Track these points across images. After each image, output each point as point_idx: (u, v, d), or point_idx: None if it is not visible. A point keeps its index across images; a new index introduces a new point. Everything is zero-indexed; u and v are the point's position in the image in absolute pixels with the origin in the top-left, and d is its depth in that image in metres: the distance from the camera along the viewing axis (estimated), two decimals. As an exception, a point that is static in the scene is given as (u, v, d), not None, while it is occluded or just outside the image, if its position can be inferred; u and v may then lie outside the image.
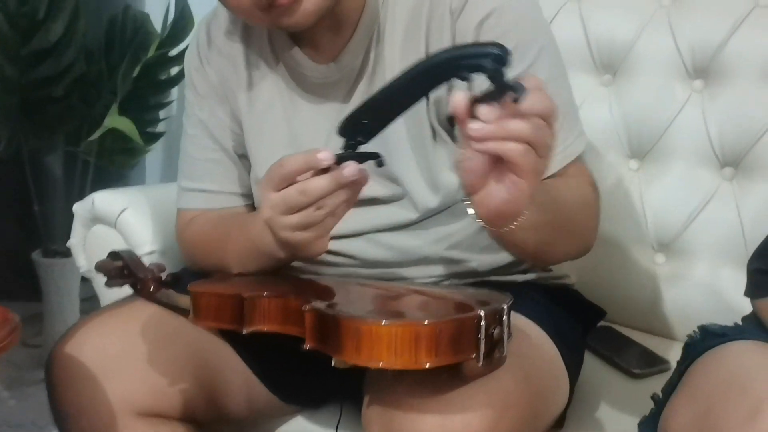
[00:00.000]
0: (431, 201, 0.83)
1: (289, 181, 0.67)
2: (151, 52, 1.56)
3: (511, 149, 0.56)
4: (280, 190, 0.67)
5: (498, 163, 0.58)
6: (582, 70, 1.17)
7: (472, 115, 0.56)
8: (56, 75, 1.60)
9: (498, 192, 0.59)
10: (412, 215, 0.84)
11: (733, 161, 1.08)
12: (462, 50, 0.58)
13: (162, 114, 1.80)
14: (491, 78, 0.56)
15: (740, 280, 0.80)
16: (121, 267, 0.78)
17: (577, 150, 0.82)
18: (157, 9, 1.82)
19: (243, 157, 0.92)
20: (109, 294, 0.96)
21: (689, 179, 1.10)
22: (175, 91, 1.81)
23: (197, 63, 0.92)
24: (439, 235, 0.84)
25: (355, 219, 0.77)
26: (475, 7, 0.79)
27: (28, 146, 1.64)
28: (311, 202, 0.66)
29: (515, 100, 0.55)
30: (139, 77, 1.55)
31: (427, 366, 0.56)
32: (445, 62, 0.58)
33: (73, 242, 1.12)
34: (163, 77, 1.72)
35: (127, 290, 0.82)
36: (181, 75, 1.71)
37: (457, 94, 0.57)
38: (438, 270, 0.85)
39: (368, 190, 0.81)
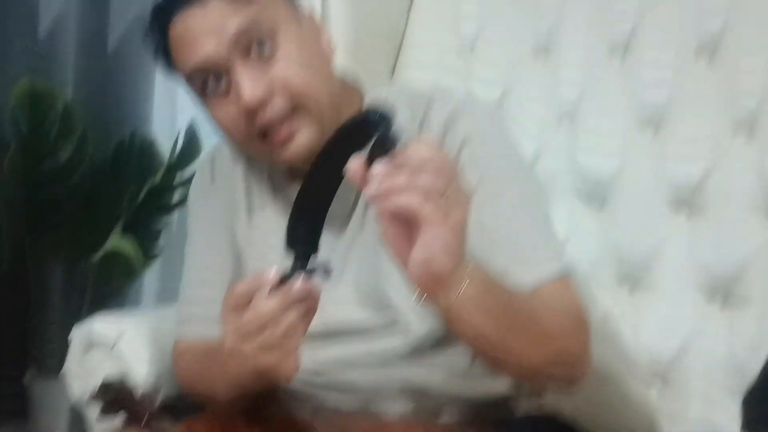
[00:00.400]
0: (423, 325, 0.83)
1: (243, 306, 0.67)
2: (158, 178, 1.62)
3: (405, 201, 0.59)
4: (233, 315, 0.68)
5: (408, 224, 0.60)
6: (570, 198, 1.21)
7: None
8: (63, 196, 1.65)
9: (417, 250, 0.61)
10: (402, 342, 0.84)
11: (722, 291, 1.10)
12: (348, 125, 0.62)
13: (162, 236, 1.84)
14: (378, 141, 0.59)
15: (735, 409, 0.80)
16: (114, 399, 0.79)
17: (547, 271, 0.80)
18: (163, 133, 1.90)
19: None
20: (101, 423, 0.95)
21: (678, 311, 1.11)
22: (176, 213, 1.86)
23: (201, 195, 0.96)
24: (433, 366, 0.85)
25: (342, 349, 0.78)
26: (459, 128, 0.83)
27: (30, 264, 1.67)
28: (264, 324, 0.66)
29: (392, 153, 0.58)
30: (144, 201, 1.60)
31: None
32: (340, 140, 0.62)
33: (69, 368, 1.12)
34: (168, 202, 1.78)
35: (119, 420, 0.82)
36: (183, 200, 1.77)
37: (350, 162, 0.59)
38: (429, 402, 0.85)
39: (353, 317, 0.84)
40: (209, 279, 0.94)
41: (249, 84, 0.76)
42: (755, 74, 1.11)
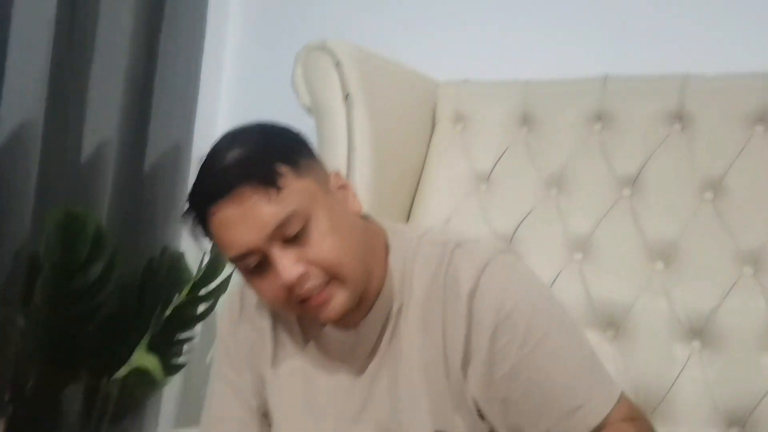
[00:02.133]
0: None
1: None
2: (184, 293, 1.66)
3: None
4: None
5: None
6: (586, 327, 1.25)
7: None
8: (89, 314, 1.69)
9: None
10: None
11: (738, 422, 1.12)
12: None
13: (185, 347, 1.87)
14: None
15: None
16: None
17: (613, 398, 0.84)
18: (191, 247, 1.96)
19: (265, 417, 0.97)
20: None
21: (697, 439, 1.14)
22: (199, 326, 1.90)
23: (229, 327, 1.00)
24: None
25: None
26: (489, 293, 0.84)
27: (53, 382, 1.69)
28: None
29: None
30: (169, 316, 1.64)
31: None
32: None
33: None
34: (192, 314, 1.81)
35: None
36: (207, 311, 1.81)
37: None
38: None
39: None
40: (235, 405, 0.97)
41: (287, 266, 0.80)
42: (759, 212, 1.17)
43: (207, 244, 0.83)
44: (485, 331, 0.84)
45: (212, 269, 1.77)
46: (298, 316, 0.95)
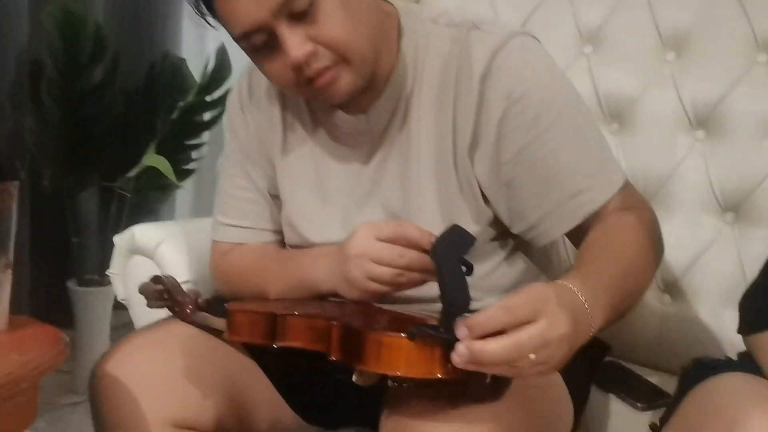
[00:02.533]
0: None
1: (397, 241, 0.77)
2: (190, 98, 1.66)
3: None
4: (383, 240, 0.78)
5: None
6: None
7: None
8: (96, 116, 1.70)
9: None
10: None
11: (734, 207, 1.14)
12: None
13: (194, 154, 1.90)
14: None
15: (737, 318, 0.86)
16: (162, 290, 0.86)
17: (616, 185, 0.84)
18: (193, 54, 1.94)
19: (275, 198, 0.99)
20: (145, 319, 1.03)
21: (693, 224, 1.16)
22: (207, 134, 1.91)
23: (238, 110, 1.00)
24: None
25: None
26: (501, 77, 0.83)
27: (67, 182, 1.74)
28: (400, 268, 0.76)
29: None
30: (176, 120, 1.65)
31: (439, 377, 0.62)
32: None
33: (113, 271, 1.20)
34: (200, 120, 1.82)
35: (162, 314, 0.89)
36: (214, 120, 1.82)
37: (454, 357, 0.60)
38: None
39: None
40: (246, 186, 1.00)
41: (294, 44, 0.77)
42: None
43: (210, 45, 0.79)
44: (494, 115, 0.83)
45: (217, 76, 1.75)
46: (307, 101, 0.95)
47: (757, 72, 1.14)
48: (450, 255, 0.66)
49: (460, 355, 0.59)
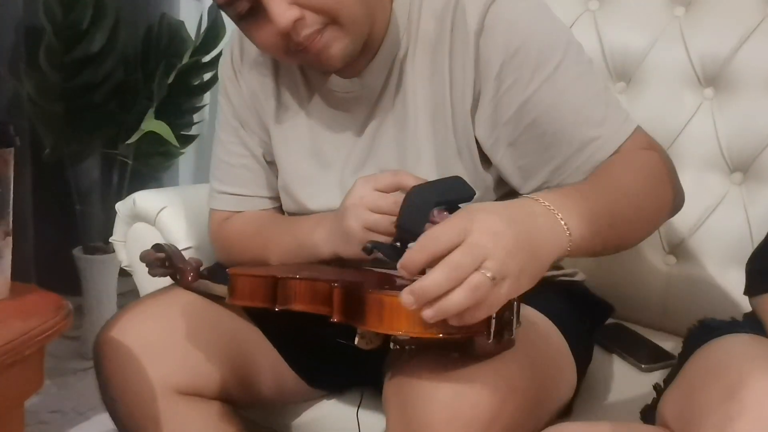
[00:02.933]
0: None
1: (391, 190, 0.77)
2: (185, 60, 1.63)
3: (478, 316, 0.58)
4: (380, 190, 0.78)
5: None
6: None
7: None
8: (96, 82, 1.68)
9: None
10: None
11: (742, 167, 1.12)
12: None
13: (195, 117, 1.88)
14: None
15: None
16: (163, 258, 0.86)
17: (626, 131, 0.82)
18: (191, 16, 1.91)
19: (271, 164, 0.98)
20: (148, 286, 1.04)
21: (699, 183, 1.14)
22: (207, 96, 1.89)
23: (231, 74, 0.98)
24: None
25: None
26: (495, 31, 0.80)
27: (69, 150, 1.73)
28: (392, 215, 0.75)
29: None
30: (173, 83, 1.63)
31: (440, 336, 0.61)
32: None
33: (115, 238, 1.20)
34: (197, 83, 1.80)
35: (165, 282, 0.90)
36: (213, 80, 1.79)
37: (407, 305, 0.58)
38: None
39: None
40: (241, 152, 0.98)
41: (279, 11, 0.75)
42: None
43: (204, 5, 0.76)
44: (492, 71, 0.81)
45: (212, 35, 1.72)
46: (300, 67, 0.93)
47: (767, 27, 1.11)
48: (423, 190, 0.65)
49: (407, 302, 0.57)
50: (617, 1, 1.22)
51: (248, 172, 0.99)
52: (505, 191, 0.88)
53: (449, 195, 0.67)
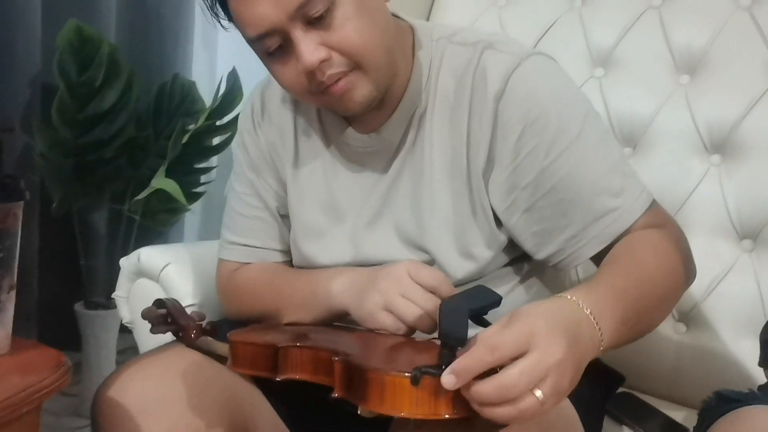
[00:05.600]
0: (462, 268, 0.87)
1: (428, 288, 0.77)
2: (200, 122, 1.66)
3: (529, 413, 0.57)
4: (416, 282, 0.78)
5: None
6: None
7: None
8: (108, 139, 1.70)
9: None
10: None
11: (751, 233, 1.12)
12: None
13: (203, 177, 1.90)
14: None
15: (757, 347, 0.83)
16: (165, 314, 0.84)
17: (643, 204, 0.83)
18: (203, 76, 1.95)
19: (285, 217, 0.99)
20: (148, 343, 1.02)
21: (709, 250, 1.13)
22: (215, 158, 1.91)
23: (250, 127, 0.99)
24: None
25: None
26: (517, 96, 0.81)
27: (77, 205, 1.74)
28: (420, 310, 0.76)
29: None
30: (186, 144, 1.65)
31: (446, 417, 0.59)
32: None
33: (118, 294, 1.19)
34: (208, 144, 1.82)
35: (166, 338, 0.88)
36: (225, 143, 1.82)
37: (445, 378, 0.58)
38: None
39: (395, 256, 0.88)
40: (255, 204, 0.99)
41: (309, 49, 0.76)
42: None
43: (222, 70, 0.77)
44: (511, 137, 0.82)
45: (228, 100, 1.75)
46: (320, 117, 0.94)
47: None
48: (457, 300, 0.66)
49: (447, 382, 0.57)
50: (622, 68, 1.24)
51: (261, 223, 0.99)
52: (519, 254, 0.88)
53: (480, 302, 0.68)
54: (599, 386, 0.92)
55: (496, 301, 0.68)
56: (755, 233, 1.11)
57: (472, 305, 0.66)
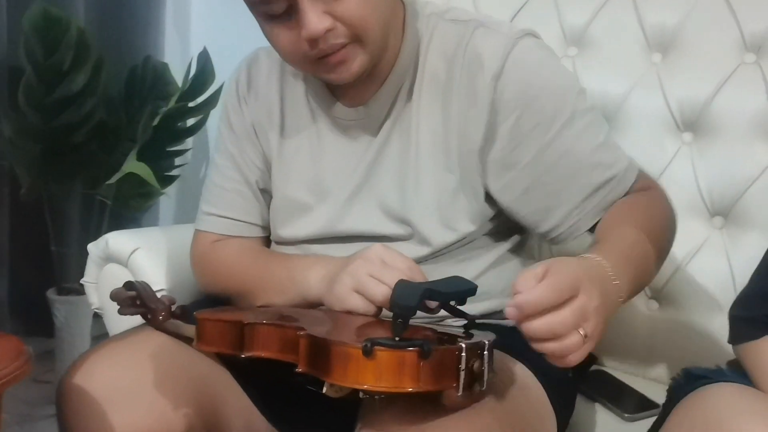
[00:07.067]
0: (444, 237, 0.87)
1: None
2: (171, 104, 1.63)
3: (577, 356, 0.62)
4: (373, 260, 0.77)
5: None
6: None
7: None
8: (77, 123, 1.67)
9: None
10: (422, 251, 0.88)
11: (722, 211, 1.12)
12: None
13: (177, 160, 1.87)
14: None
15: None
16: (134, 297, 0.83)
17: (633, 172, 0.88)
18: (176, 58, 1.91)
19: (264, 192, 0.99)
20: (118, 328, 1.00)
21: (680, 228, 1.11)
22: (190, 140, 1.88)
23: (235, 101, 0.99)
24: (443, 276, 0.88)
25: None
26: (516, 76, 0.82)
27: (47, 190, 1.71)
28: (388, 287, 0.75)
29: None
30: (158, 126, 1.62)
31: (409, 390, 0.59)
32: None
33: (87, 280, 1.17)
34: (181, 127, 1.79)
35: (135, 321, 0.87)
36: (198, 125, 1.79)
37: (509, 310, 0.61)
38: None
39: (376, 229, 0.88)
40: (235, 178, 0.98)
41: (314, 17, 0.77)
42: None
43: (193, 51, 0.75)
44: (510, 116, 0.83)
45: (200, 81, 1.73)
46: (306, 93, 0.94)
47: (745, 72, 1.12)
48: (420, 284, 0.66)
49: (510, 314, 0.60)
50: (595, 47, 1.24)
51: (240, 197, 0.99)
52: (499, 228, 0.89)
53: (449, 288, 0.68)
54: (570, 367, 0.92)
55: (470, 289, 0.68)
56: (726, 211, 1.12)
57: (435, 287, 0.65)
